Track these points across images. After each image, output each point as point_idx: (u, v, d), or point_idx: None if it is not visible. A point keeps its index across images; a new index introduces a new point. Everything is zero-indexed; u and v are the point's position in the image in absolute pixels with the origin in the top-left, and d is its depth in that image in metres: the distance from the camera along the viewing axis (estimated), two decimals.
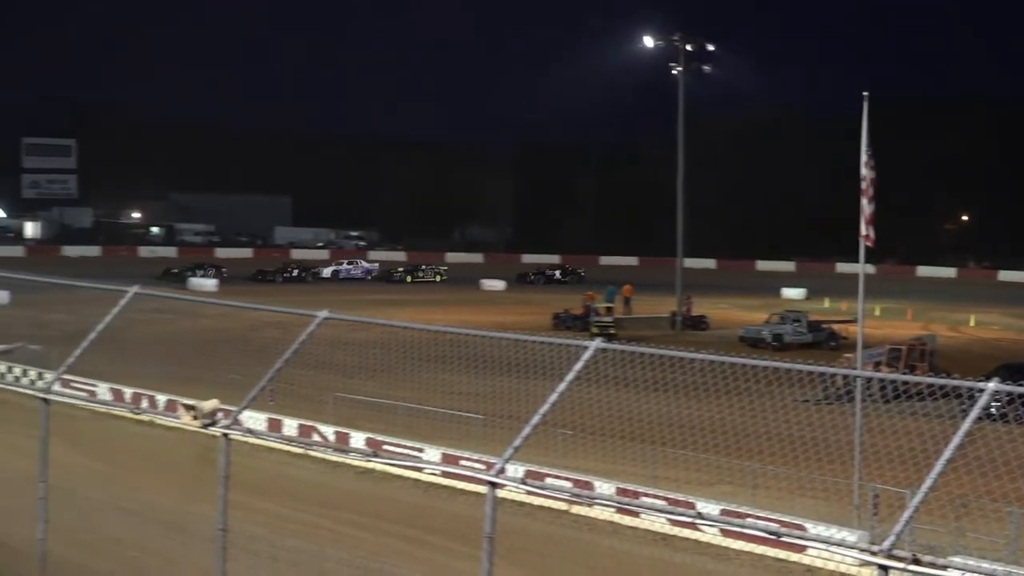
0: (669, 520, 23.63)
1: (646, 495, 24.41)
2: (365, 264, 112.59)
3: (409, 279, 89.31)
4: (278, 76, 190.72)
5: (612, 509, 23.58)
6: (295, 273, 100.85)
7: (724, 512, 23.79)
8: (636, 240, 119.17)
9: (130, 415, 24.95)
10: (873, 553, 11.24)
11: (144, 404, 26.62)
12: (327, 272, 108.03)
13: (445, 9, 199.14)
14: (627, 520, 24.40)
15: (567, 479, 21.66)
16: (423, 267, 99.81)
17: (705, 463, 25.27)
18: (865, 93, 28.99)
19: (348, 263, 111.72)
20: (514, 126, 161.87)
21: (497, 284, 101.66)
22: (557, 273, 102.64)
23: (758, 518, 22.75)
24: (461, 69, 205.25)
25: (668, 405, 21.58)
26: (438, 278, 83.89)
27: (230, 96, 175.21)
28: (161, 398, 25.56)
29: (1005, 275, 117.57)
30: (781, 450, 23.54)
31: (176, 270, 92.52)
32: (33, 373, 21.86)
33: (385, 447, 26.38)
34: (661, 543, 24.13)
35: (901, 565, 11.11)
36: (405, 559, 21.50)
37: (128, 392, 28.75)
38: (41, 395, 18.65)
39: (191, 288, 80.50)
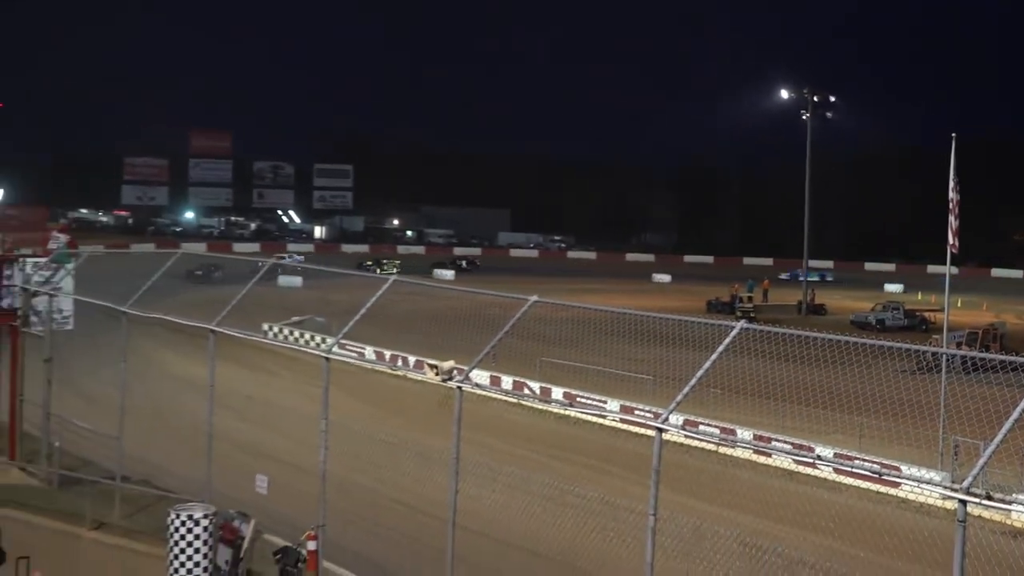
0: (794, 460, 23.77)
1: (776, 440, 24.95)
2: None
3: (379, 271, 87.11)
4: (500, 109, 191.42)
5: (750, 450, 24.10)
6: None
7: (837, 455, 24.32)
8: (771, 245, 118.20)
9: (388, 371, 26.37)
10: (954, 490, 12.28)
11: (399, 363, 27.36)
12: None
13: (622, 59, 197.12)
14: (761, 459, 24.70)
15: (715, 426, 22.00)
16: (384, 260, 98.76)
17: (822, 417, 25.07)
18: (953, 134, 29.74)
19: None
20: (677, 151, 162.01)
21: (664, 277, 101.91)
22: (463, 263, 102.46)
23: (863, 460, 22.92)
24: (633, 103, 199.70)
25: (794, 372, 21.66)
26: (395, 270, 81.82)
27: (464, 125, 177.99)
28: (411, 358, 26.36)
29: None
30: (883, 408, 23.47)
31: (369, 263, 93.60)
32: (319, 338, 22.99)
33: (578, 399, 26.96)
34: (787, 477, 24.07)
35: (976, 500, 12.14)
36: (592, 483, 22.27)
37: (387, 353, 29.30)
38: (324, 355, 20.30)
39: (435, 277, 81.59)
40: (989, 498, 12.08)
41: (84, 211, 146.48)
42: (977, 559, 12.01)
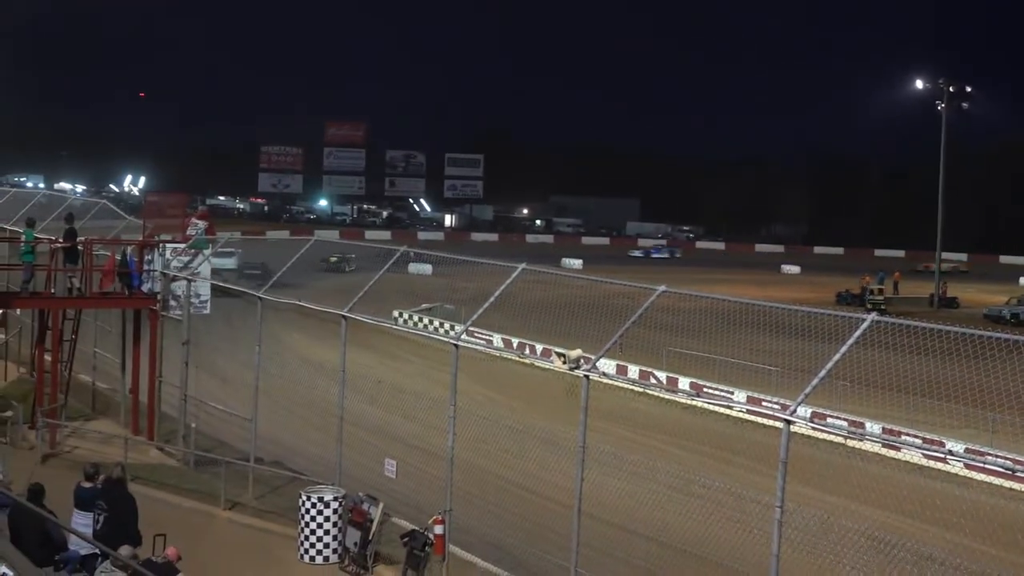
0: (924, 454, 23.36)
1: (906, 434, 24.41)
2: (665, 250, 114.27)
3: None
4: (636, 102, 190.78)
5: (878, 444, 23.64)
6: None
7: (968, 450, 23.91)
8: (904, 237, 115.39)
9: (516, 359, 26.49)
10: None
11: (526, 351, 27.38)
12: (638, 253, 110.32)
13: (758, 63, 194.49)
14: (890, 453, 24.15)
15: (843, 419, 21.75)
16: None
17: (953, 411, 24.71)
18: None
19: (654, 247, 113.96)
20: (808, 145, 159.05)
21: (794, 268, 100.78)
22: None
23: (995, 456, 22.61)
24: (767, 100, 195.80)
25: (925, 365, 21.41)
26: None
27: (596, 118, 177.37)
28: (539, 346, 26.43)
29: None
30: (1016, 404, 23.12)
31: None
32: (447, 325, 23.15)
33: (704, 389, 26.97)
34: (917, 472, 23.80)
35: None
36: (718, 473, 22.29)
37: (515, 341, 29.49)
38: (453, 342, 20.42)
39: (562, 265, 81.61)
40: None
41: (222, 198, 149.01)
42: None
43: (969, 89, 78.91)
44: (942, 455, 23.69)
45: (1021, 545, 20.20)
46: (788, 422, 14.81)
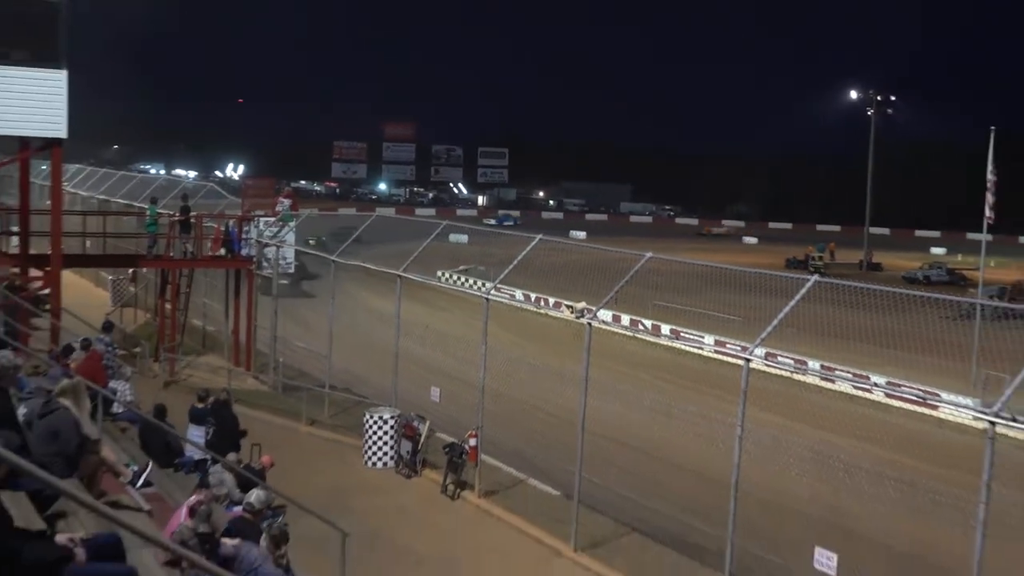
0: (853, 386, 23.18)
1: (839, 370, 24.07)
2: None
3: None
4: (628, 103, 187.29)
5: (818, 377, 23.67)
6: None
7: (888, 382, 23.74)
8: (841, 215, 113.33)
9: (533, 310, 26.48)
10: (985, 413, 12.15)
11: (542, 304, 27.14)
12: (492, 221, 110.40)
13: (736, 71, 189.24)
14: (827, 385, 23.95)
15: (791, 358, 21.63)
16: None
17: (878, 353, 24.53)
18: (992, 127, 28.85)
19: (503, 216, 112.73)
20: (769, 139, 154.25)
21: (752, 239, 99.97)
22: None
23: (910, 387, 22.56)
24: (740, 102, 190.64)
25: (855, 316, 21.29)
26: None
27: (597, 117, 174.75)
28: (551, 300, 26.20)
29: None
30: (927, 347, 23.02)
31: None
32: (480, 283, 23.06)
33: (682, 334, 26.62)
34: (847, 400, 23.73)
35: (1004, 421, 11.99)
36: (692, 400, 22.31)
37: (533, 296, 28.03)
38: (484, 296, 20.44)
39: (569, 237, 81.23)
40: (1015, 420, 11.96)
41: (303, 182, 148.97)
42: (1001, 467, 11.79)
43: (893, 99, 78.41)
44: (868, 387, 23.61)
45: (929, 457, 20.31)
46: (747, 360, 14.89)
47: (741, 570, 15.17)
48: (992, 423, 11.85)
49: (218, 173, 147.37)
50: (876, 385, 23.89)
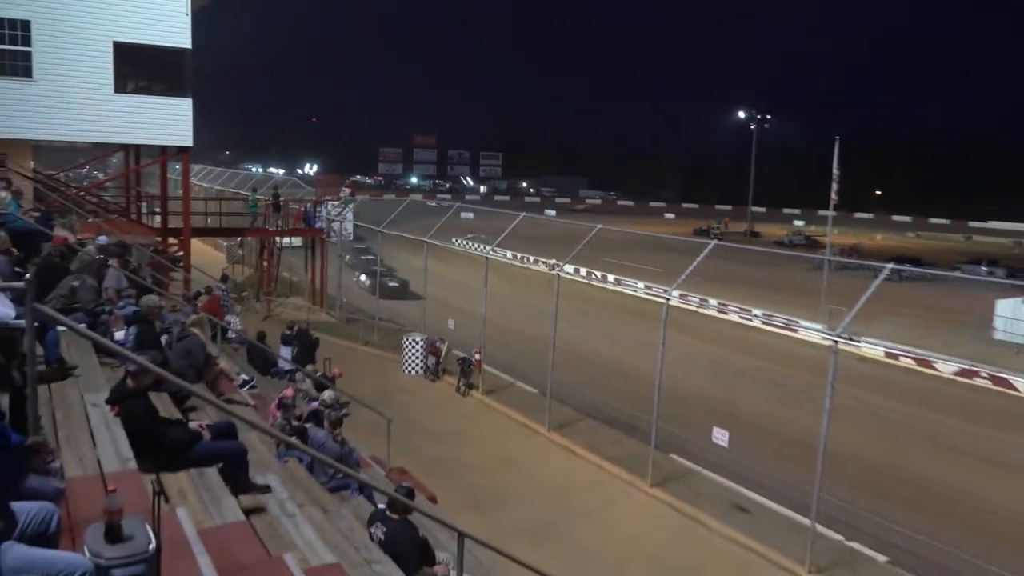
0: (740, 316, 23.40)
1: (731, 305, 24.06)
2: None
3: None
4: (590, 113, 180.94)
5: (716, 311, 23.30)
6: None
7: (764, 314, 23.64)
8: (734, 198, 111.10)
9: (519, 265, 26.20)
10: (831, 334, 12.24)
11: (526, 260, 26.94)
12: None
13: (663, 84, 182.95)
14: (722, 316, 23.97)
15: (697, 298, 21.39)
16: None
17: (757, 294, 24.56)
18: (837, 137, 28.69)
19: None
20: (686, 141, 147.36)
21: (671, 215, 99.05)
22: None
23: (780, 317, 22.66)
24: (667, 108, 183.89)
25: (742, 268, 21.41)
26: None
27: (566, 123, 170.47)
28: (531, 257, 25.79)
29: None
30: (791, 289, 23.15)
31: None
32: (483, 246, 22.91)
33: (621, 281, 26.37)
34: (736, 326, 23.63)
35: (844, 339, 12.09)
36: (629, 326, 21.88)
37: (519, 255, 28.13)
38: (485, 255, 20.26)
39: (544, 214, 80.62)
40: (853, 337, 12.11)
41: (358, 176, 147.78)
42: (841, 372, 11.94)
43: (769, 116, 78.01)
44: (750, 317, 23.80)
45: (791, 364, 20.32)
46: (667, 299, 14.88)
47: (662, 443, 15.32)
48: (836, 341, 11.90)
49: (299, 170, 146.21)
50: (756, 316, 23.89)
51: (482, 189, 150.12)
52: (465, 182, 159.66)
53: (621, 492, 14.72)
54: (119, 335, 9.35)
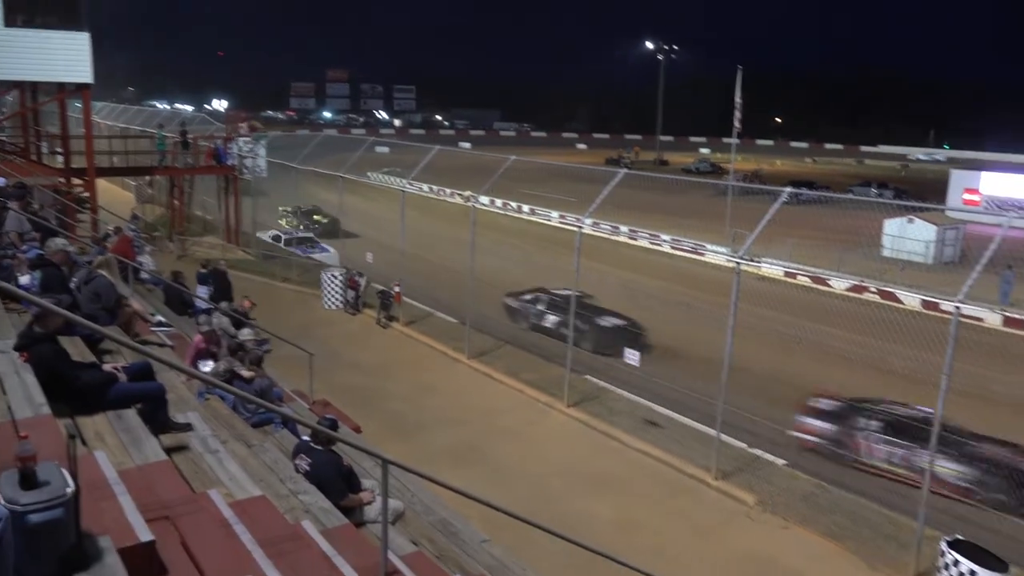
0: (649, 242, 23.67)
1: (640, 231, 23.96)
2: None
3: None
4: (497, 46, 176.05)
5: (627, 236, 23.75)
6: None
7: (673, 238, 24.09)
8: (643, 128, 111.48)
9: (435, 197, 26.02)
10: (734, 256, 12.50)
11: (442, 193, 26.70)
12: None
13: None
14: (632, 241, 24.17)
15: (609, 225, 21.64)
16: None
17: (666, 219, 24.70)
18: (739, 67, 28.97)
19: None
20: (597, 74, 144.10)
21: (583, 146, 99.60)
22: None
23: (687, 241, 23.04)
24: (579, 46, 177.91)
25: (651, 195, 21.59)
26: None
27: (475, 56, 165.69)
28: (448, 190, 25.76)
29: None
30: (697, 214, 23.42)
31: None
32: (399, 180, 22.49)
33: (535, 211, 26.09)
34: (646, 251, 23.96)
35: (746, 260, 12.36)
36: (544, 254, 22.10)
37: (435, 188, 27.91)
38: (401, 189, 19.94)
39: (458, 147, 79.73)
40: (753, 258, 12.43)
41: (270, 111, 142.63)
42: (744, 291, 12.27)
43: (676, 47, 78.36)
44: (659, 243, 24.10)
45: (697, 286, 20.74)
46: (580, 227, 14.96)
47: (577, 364, 15.62)
48: (738, 263, 12.14)
49: (207, 106, 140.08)
50: (664, 241, 24.16)
51: (396, 123, 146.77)
52: (379, 116, 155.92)
53: (540, 413, 15.01)
54: (24, 279, 8.93)
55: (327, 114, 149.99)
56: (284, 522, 5.58)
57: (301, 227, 27.67)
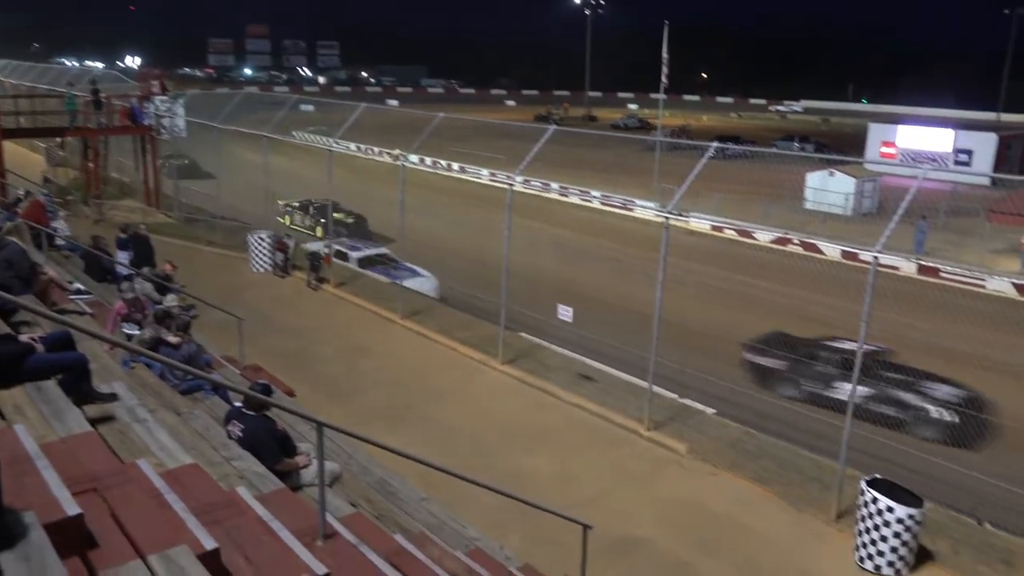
0: (580, 199, 23.73)
1: (571, 188, 23.95)
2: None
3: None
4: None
5: (557, 194, 23.28)
6: None
7: (602, 195, 24.30)
8: (571, 84, 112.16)
9: (363, 156, 25.54)
10: (662, 211, 12.63)
11: (370, 151, 26.27)
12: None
13: None
14: (563, 199, 23.99)
15: (540, 182, 21.94)
16: None
17: (595, 176, 24.88)
18: (666, 22, 29.08)
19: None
20: (526, 32, 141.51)
21: (512, 103, 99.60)
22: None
23: (616, 197, 23.15)
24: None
25: (580, 151, 21.68)
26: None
27: (404, 11, 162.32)
28: (376, 148, 25.21)
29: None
30: (626, 169, 23.57)
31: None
32: (325, 139, 22.00)
33: (465, 168, 25.99)
34: (577, 208, 23.69)
35: (674, 216, 12.48)
36: (477, 212, 21.71)
37: (363, 147, 27.56)
38: (328, 148, 19.54)
39: (386, 104, 78.54)
40: (682, 214, 12.55)
41: (187, 69, 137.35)
42: (673, 246, 12.44)
43: (603, 1, 78.38)
44: (589, 199, 24.19)
45: (627, 241, 21.00)
46: (511, 185, 14.88)
47: (511, 322, 15.69)
48: (667, 218, 12.24)
49: (119, 63, 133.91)
50: (595, 197, 24.24)
51: (321, 80, 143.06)
52: (303, 72, 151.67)
53: (475, 371, 15.07)
54: None
55: (248, 71, 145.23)
56: (218, 489, 5.48)
57: (317, 226, 26.03)
